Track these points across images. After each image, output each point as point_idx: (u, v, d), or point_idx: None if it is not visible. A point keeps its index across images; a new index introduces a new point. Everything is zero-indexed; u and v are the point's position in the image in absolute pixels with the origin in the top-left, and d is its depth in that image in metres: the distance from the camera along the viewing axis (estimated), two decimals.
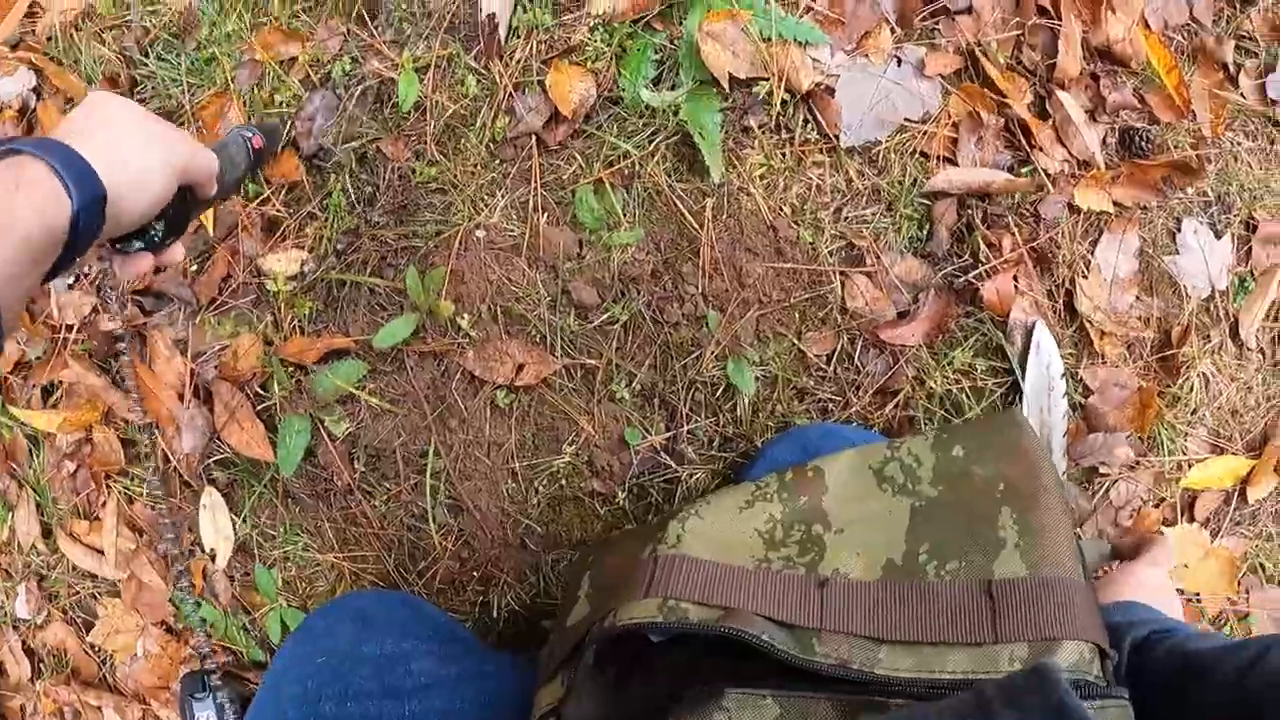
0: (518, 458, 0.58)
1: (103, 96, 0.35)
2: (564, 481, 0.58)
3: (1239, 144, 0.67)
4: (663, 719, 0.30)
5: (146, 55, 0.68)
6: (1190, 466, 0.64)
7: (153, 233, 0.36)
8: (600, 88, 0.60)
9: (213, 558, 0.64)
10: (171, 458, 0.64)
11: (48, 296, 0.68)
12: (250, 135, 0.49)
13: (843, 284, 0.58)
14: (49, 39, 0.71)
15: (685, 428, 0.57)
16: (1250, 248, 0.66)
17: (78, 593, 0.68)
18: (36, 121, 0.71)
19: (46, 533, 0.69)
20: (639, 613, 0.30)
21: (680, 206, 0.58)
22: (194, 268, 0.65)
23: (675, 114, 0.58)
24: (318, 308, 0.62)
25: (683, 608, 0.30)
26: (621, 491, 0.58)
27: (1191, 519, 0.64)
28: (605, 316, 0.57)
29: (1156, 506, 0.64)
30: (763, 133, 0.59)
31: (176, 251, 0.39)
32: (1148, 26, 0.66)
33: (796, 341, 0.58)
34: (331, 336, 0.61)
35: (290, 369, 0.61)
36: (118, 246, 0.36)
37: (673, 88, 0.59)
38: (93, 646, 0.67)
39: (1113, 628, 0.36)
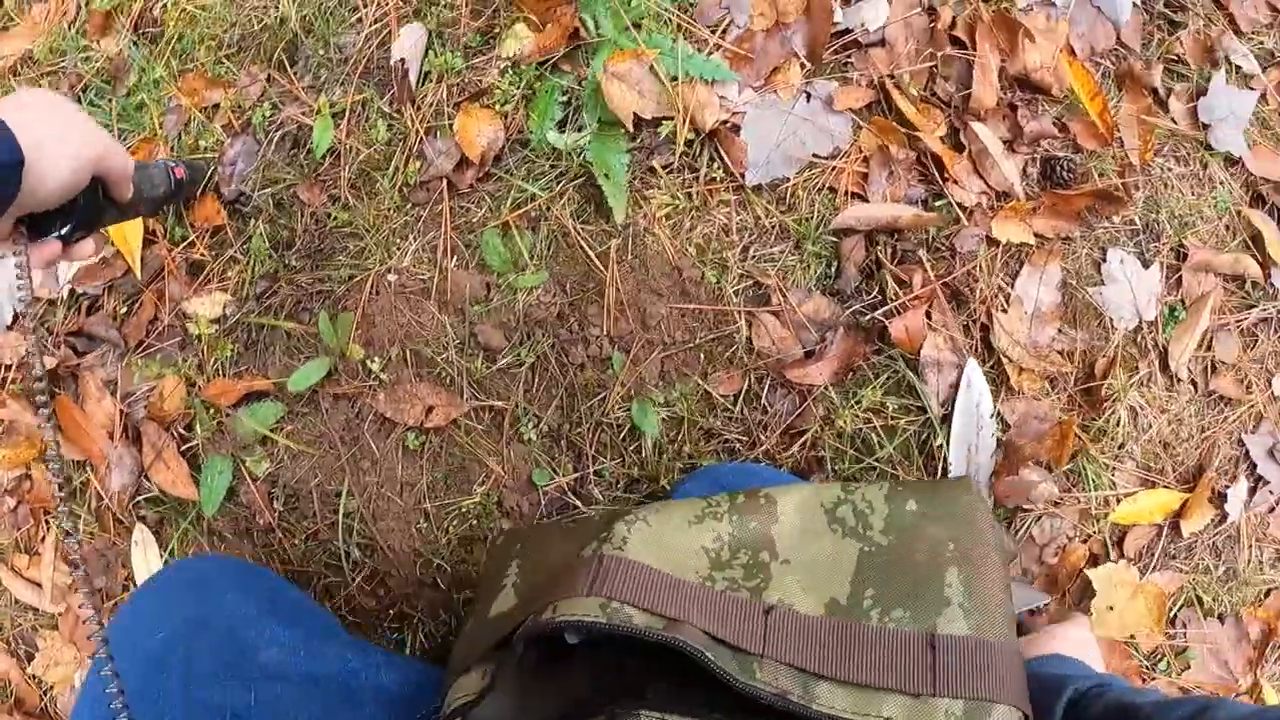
0: (429, 498, 0.59)
1: (31, 89, 0.38)
2: (474, 521, 0.59)
3: (1169, 170, 0.66)
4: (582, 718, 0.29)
5: (80, 100, 0.70)
6: (1119, 501, 0.63)
7: (64, 221, 0.39)
8: (509, 130, 0.61)
9: None
10: (104, 495, 0.67)
11: None
12: (174, 165, 0.51)
13: (749, 323, 0.59)
14: None
15: (592, 469, 0.58)
16: (1180, 276, 0.65)
17: (20, 624, 0.71)
18: None
19: None
20: (580, 610, 0.30)
21: (585, 248, 0.59)
22: (123, 310, 0.68)
23: (580, 156, 0.60)
24: (239, 350, 0.64)
25: (626, 611, 0.30)
26: None
27: (1121, 555, 0.64)
28: (512, 359, 0.59)
29: (1084, 542, 0.64)
30: (667, 173, 0.60)
31: (86, 247, 0.41)
32: (1073, 53, 0.66)
33: (702, 382, 0.58)
34: (251, 379, 0.63)
35: (212, 410, 0.63)
36: (32, 233, 0.38)
37: (579, 129, 0.60)
38: (34, 677, 0.70)
39: (1051, 679, 0.36)
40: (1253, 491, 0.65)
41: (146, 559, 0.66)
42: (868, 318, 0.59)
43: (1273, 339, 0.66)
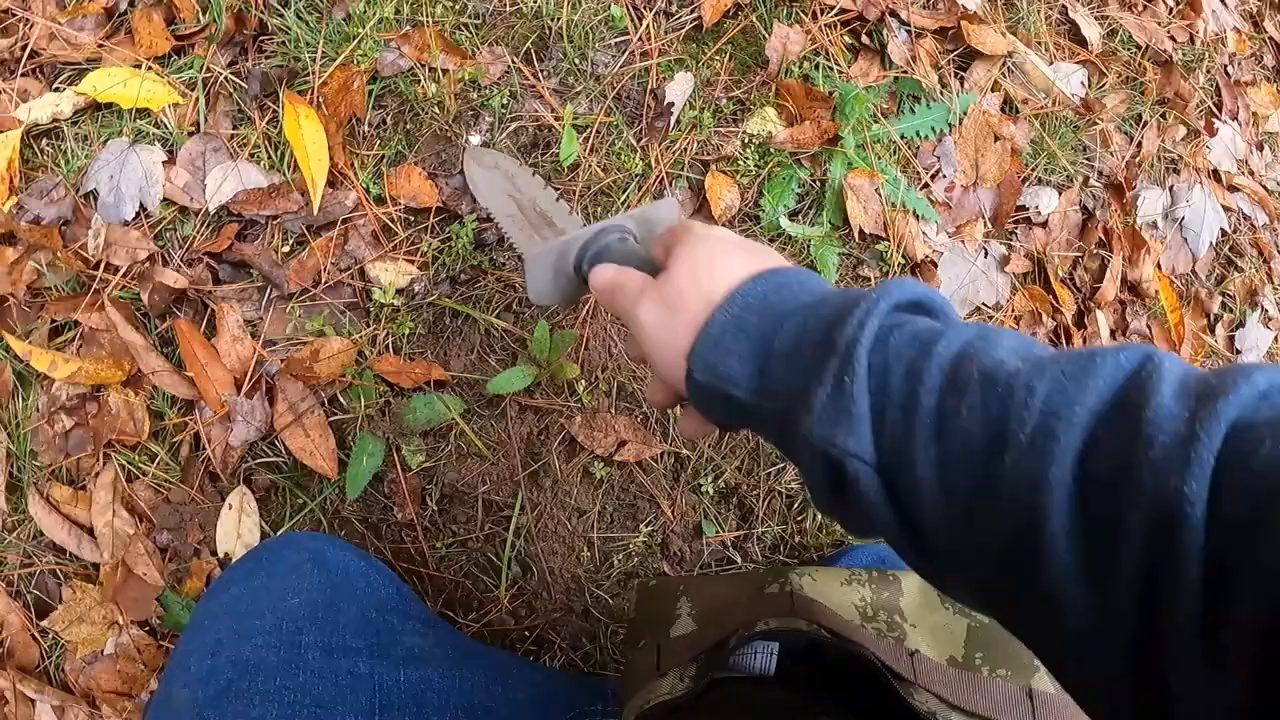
0: (597, 528, 0.67)
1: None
2: (637, 559, 0.68)
3: None
4: None
5: (285, 5, 0.71)
6: None
7: None
8: (743, 202, 0.73)
9: (223, 564, 0.67)
10: (206, 445, 0.66)
11: (85, 225, 0.68)
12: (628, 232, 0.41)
13: None
14: None
15: (757, 530, 0.70)
16: None
17: (32, 563, 0.67)
18: (127, 28, 0.71)
19: (12, 488, 0.67)
20: (788, 625, 0.42)
21: None
22: (285, 249, 0.69)
23: (807, 247, 0.73)
24: (419, 331, 0.68)
25: (821, 632, 0.42)
26: None
27: None
28: None
29: None
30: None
31: None
32: (1159, 268, 0.91)
33: None
34: (429, 365, 0.67)
35: (381, 388, 0.66)
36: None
37: (810, 223, 0.74)
38: (43, 631, 0.66)
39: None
40: None
41: (239, 526, 0.67)
42: None
43: None
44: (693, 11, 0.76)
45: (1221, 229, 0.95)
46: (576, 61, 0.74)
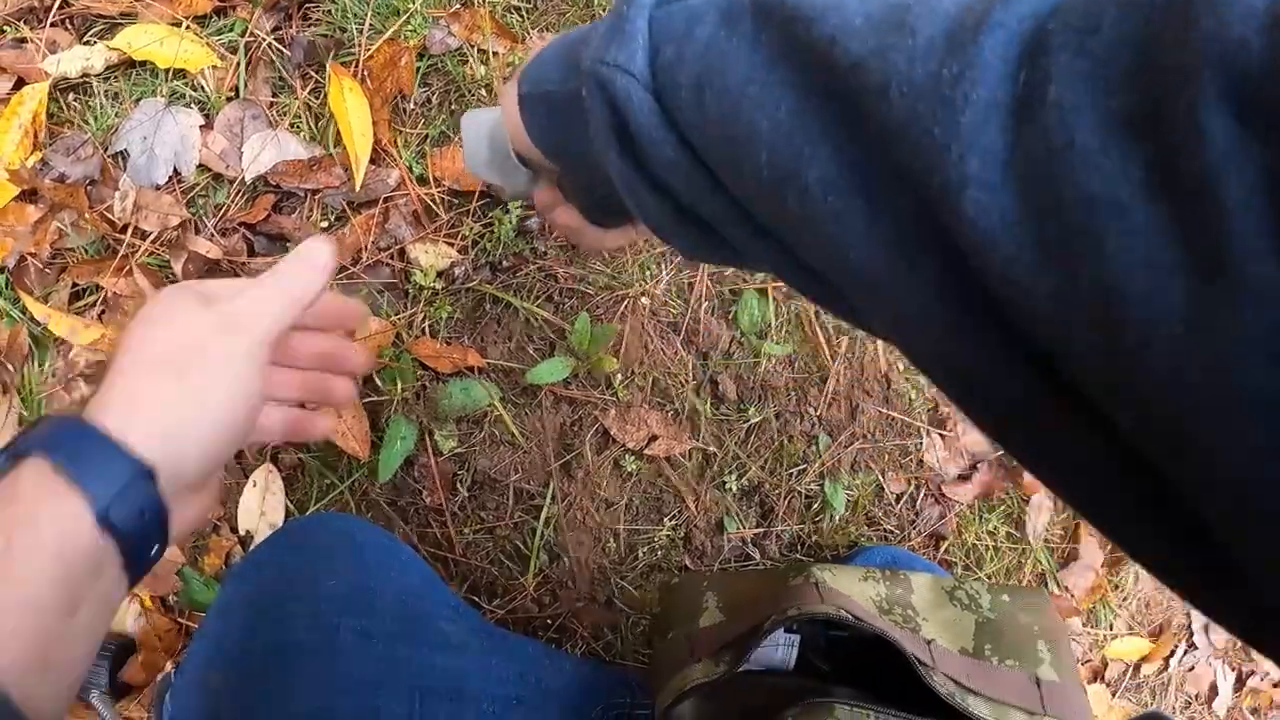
0: (624, 520, 0.69)
1: (170, 319, 0.28)
2: (661, 552, 0.70)
3: None
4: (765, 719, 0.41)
5: None
6: (1113, 639, 0.92)
7: None
8: None
9: (244, 543, 0.66)
10: None
11: (112, 186, 0.66)
12: None
13: (925, 439, 0.78)
14: None
15: (777, 528, 0.72)
16: None
17: None
18: None
19: None
20: (818, 610, 0.44)
21: (821, 337, 0.74)
22: (324, 224, 0.68)
23: None
24: (457, 315, 0.68)
25: (848, 617, 0.44)
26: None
27: (1104, 681, 0.92)
28: (738, 413, 0.71)
29: (1086, 664, 0.91)
30: None
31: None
32: None
33: (880, 478, 0.76)
34: (467, 350, 0.68)
35: (420, 371, 0.67)
36: None
37: None
38: None
39: None
40: (1186, 652, 0.97)
41: (263, 505, 0.66)
42: (1012, 462, 0.81)
43: None
44: None
45: None
46: None
